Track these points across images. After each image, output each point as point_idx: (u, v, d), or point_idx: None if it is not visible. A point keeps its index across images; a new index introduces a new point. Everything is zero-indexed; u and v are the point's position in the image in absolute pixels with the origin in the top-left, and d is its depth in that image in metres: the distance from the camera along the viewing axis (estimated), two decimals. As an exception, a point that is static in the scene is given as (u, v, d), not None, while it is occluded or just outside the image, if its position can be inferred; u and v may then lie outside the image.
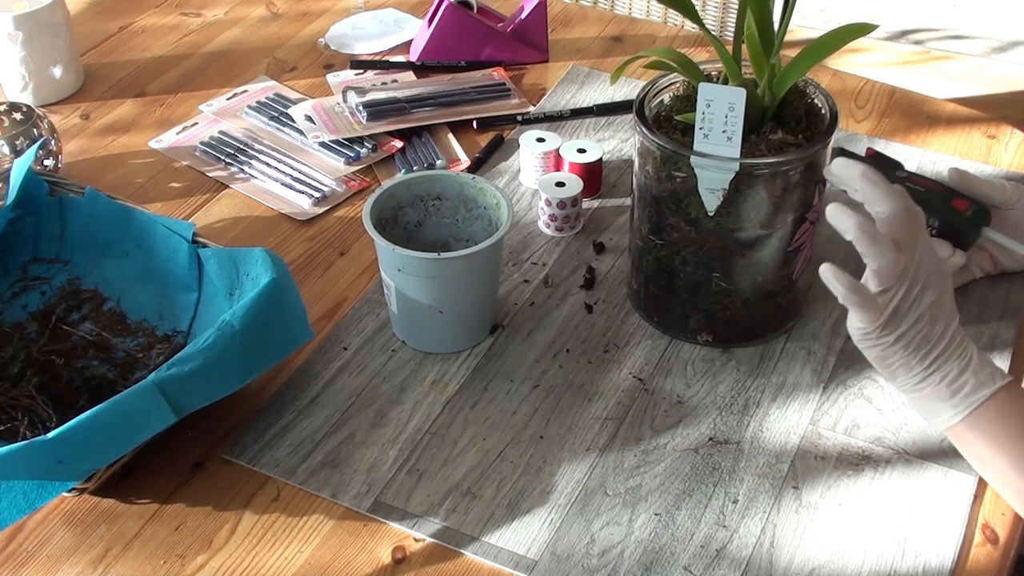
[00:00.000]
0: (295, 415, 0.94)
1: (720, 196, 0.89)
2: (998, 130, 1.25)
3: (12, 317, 1.00)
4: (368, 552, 0.84)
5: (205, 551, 0.84)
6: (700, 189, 0.90)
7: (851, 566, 0.82)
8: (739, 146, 0.87)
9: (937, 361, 0.82)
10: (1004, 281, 1.04)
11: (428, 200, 1.02)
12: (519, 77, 1.35)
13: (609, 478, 0.88)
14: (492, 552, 0.83)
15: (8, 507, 0.79)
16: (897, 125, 1.26)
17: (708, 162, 0.88)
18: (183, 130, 1.26)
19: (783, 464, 0.89)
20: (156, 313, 1.01)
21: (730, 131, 0.87)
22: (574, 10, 1.49)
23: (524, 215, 1.14)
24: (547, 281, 1.06)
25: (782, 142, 0.90)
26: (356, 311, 1.03)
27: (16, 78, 1.28)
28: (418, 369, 0.98)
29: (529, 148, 1.16)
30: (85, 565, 0.83)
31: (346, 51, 1.40)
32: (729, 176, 0.88)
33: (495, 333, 1.01)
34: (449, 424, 0.93)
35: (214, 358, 0.84)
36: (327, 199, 1.16)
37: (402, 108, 1.25)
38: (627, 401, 0.94)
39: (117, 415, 0.80)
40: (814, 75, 0.96)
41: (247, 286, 0.93)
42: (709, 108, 0.86)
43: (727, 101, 0.86)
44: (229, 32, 1.44)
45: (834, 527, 0.85)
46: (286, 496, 0.88)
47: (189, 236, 0.99)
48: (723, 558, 0.83)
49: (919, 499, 0.87)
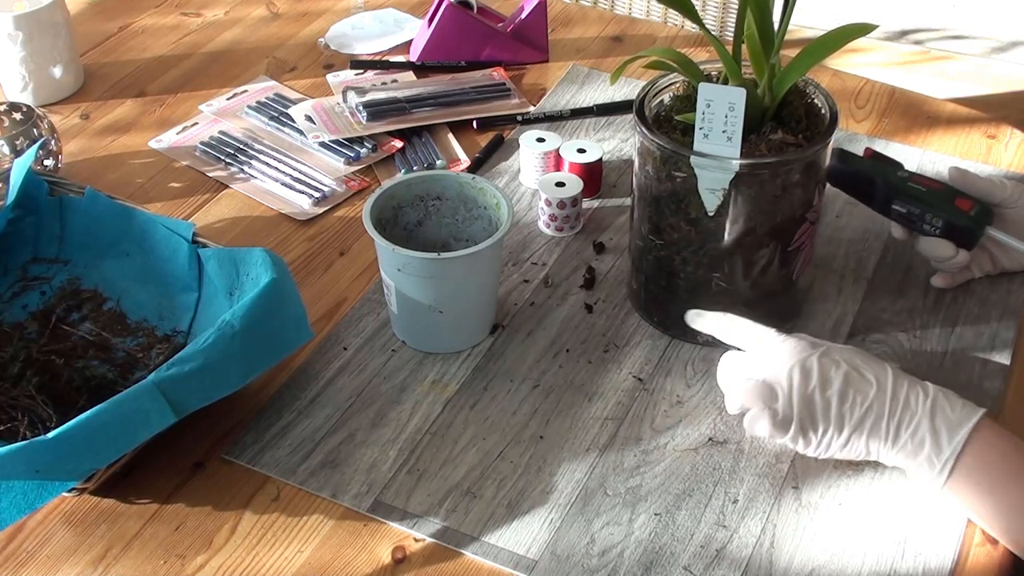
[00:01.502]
0: (295, 415, 0.94)
1: (720, 196, 0.89)
2: (998, 130, 1.25)
3: (12, 317, 1.00)
4: (368, 552, 0.84)
5: (205, 551, 0.84)
6: (700, 189, 0.90)
7: (851, 566, 0.82)
8: (739, 146, 0.87)
9: (892, 429, 0.83)
10: (1004, 281, 1.04)
11: (428, 200, 1.02)
12: (519, 77, 1.35)
13: (609, 478, 0.88)
14: (492, 552, 0.83)
15: (8, 507, 0.79)
16: (897, 125, 1.26)
17: (708, 162, 0.88)
18: (183, 130, 1.26)
19: (783, 464, 0.89)
20: (156, 313, 1.01)
21: (730, 131, 0.87)
22: (574, 10, 1.49)
23: (524, 215, 1.14)
24: (547, 281, 1.06)
25: (782, 142, 0.90)
26: (356, 311, 1.03)
27: (16, 78, 1.28)
28: (418, 369, 0.98)
29: (529, 148, 1.16)
30: (85, 565, 0.83)
31: (346, 51, 1.40)
32: (729, 176, 0.88)
33: (495, 333, 1.01)
34: (449, 424, 0.93)
35: (214, 358, 0.84)
36: (327, 199, 1.16)
37: (402, 108, 1.25)
38: (627, 401, 0.94)
39: (117, 415, 0.80)
40: (814, 75, 0.96)
41: (247, 286, 0.93)
42: (709, 108, 0.86)
43: (727, 101, 0.86)
44: (229, 32, 1.44)
45: (834, 527, 0.85)
46: (286, 496, 0.88)
47: (189, 236, 0.99)
48: (723, 558, 0.83)
49: (919, 499, 0.87)
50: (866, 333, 1.00)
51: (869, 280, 1.05)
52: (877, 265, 1.07)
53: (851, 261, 1.07)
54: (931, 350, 0.99)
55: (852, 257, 1.08)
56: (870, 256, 1.08)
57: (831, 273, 1.05)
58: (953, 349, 0.99)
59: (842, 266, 1.07)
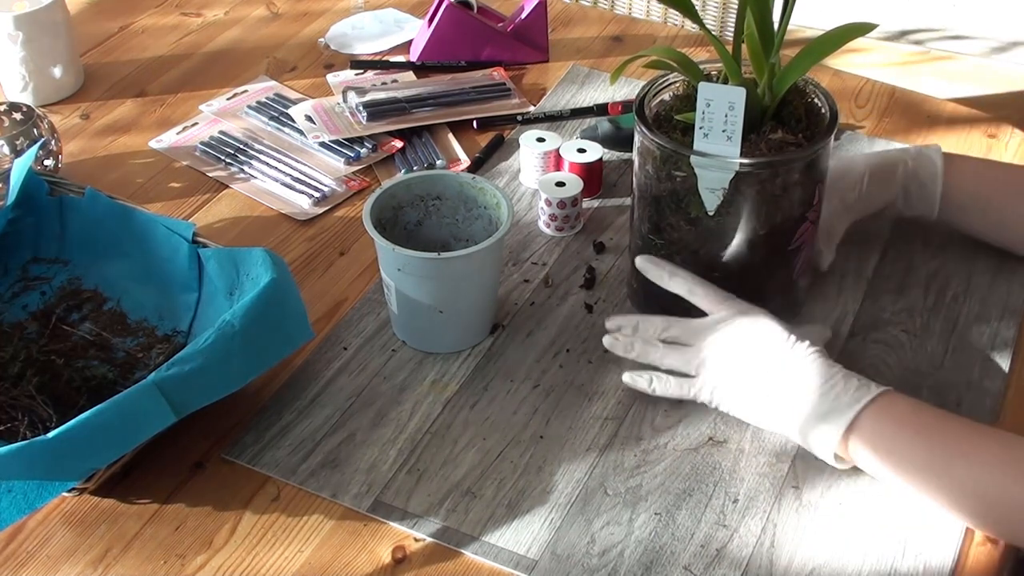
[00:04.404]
0: (295, 415, 0.94)
1: (720, 195, 0.89)
2: (998, 130, 1.25)
3: (12, 317, 1.00)
4: (368, 552, 0.84)
5: (205, 551, 0.84)
6: (700, 188, 0.90)
7: (851, 566, 0.82)
8: (739, 146, 0.87)
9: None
10: (1004, 281, 1.04)
11: (428, 200, 1.02)
12: (519, 77, 1.35)
13: (609, 478, 0.88)
14: (492, 552, 0.83)
15: (8, 507, 0.79)
16: (897, 125, 1.26)
17: (708, 161, 0.88)
18: (183, 130, 1.26)
19: (783, 464, 0.89)
20: (156, 313, 1.01)
21: (730, 131, 0.87)
22: (574, 10, 1.49)
23: (524, 215, 1.14)
24: (547, 281, 1.06)
25: (782, 141, 0.90)
26: (356, 311, 1.03)
27: (16, 78, 1.28)
28: (418, 369, 0.98)
29: (529, 148, 1.16)
30: (85, 565, 0.83)
31: (346, 51, 1.40)
32: (729, 176, 0.88)
33: (495, 333, 1.01)
34: (449, 424, 0.93)
35: (214, 358, 0.84)
36: (327, 199, 1.16)
37: (402, 108, 1.25)
38: (627, 401, 0.94)
39: (117, 415, 0.80)
40: (814, 75, 0.96)
41: (247, 286, 0.93)
42: (709, 108, 0.86)
43: (727, 100, 0.86)
44: (229, 32, 1.44)
45: (834, 527, 0.85)
46: (286, 496, 0.88)
47: (189, 236, 0.99)
48: (723, 558, 0.83)
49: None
50: (867, 332, 1.00)
51: (869, 279, 1.05)
52: (877, 264, 1.07)
53: (851, 260, 1.07)
54: (931, 350, 0.99)
55: (852, 256, 1.08)
56: (870, 255, 1.08)
57: (831, 273, 1.05)
58: (953, 348, 0.99)
59: (842, 265, 1.06)
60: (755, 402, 0.89)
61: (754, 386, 0.88)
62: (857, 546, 0.84)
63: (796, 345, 0.87)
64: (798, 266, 0.96)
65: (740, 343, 0.89)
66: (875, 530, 0.85)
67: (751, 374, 0.88)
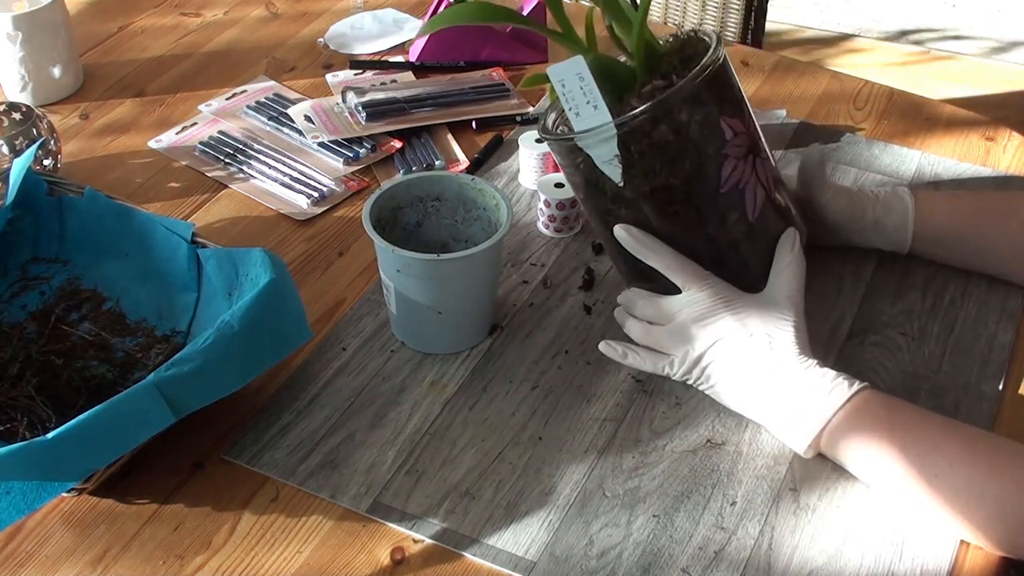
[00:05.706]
0: (294, 415, 0.94)
1: (617, 163, 0.88)
2: (996, 132, 1.26)
3: (12, 317, 1.00)
4: (367, 553, 0.84)
5: (204, 551, 0.84)
6: (599, 165, 0.89)
7: (849, 568, 0.83)
8: (606, 110, 0.87)
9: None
10: (1001, 285, 1.04)
11: (427, 201, 1.02)
12: (518, 77, 1.35)
13: (607, 479, 0.88)
14: (491, 553, 0.83)
15: (7, 507, 0.79)
16: (896, 127, 1.26)
17: (588, 137, 0.88)
18: (182, 130, 1.26)
19: (781, 466, 0.89)
20: (155, 313, 1.01)
21: (593, 100, 0.86)
22: (574, 10, 1.49)
23: (523, 216, 1.14)
24: (546, 282, 1.06)
25: (653, 89, 0.89)
26: (355, 311, 1.04)
27: (15, 78, 1.28)
28: (417, 370, 0.98)
29: (528, 149, 1.16)
30: (84, 565, 0.83)
31: (345, 51, 1.40)
32: (612, 141, 0.87)
33: (494, 334, 1.01)
34: (448, 425, 0.93)
35: (213, 358, 0.85)
36: (326, 199, 1.17)
37: (401, 108, 1.25)
38: (626, 402, 0.95)
39: (116, 415, 0.80)
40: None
41: (246, 286, 0.93)
42: (565, 87, 0.87)
43: (574, 73, 0.86)
44: (228, 32, 1.44)
45: (832, 529, 0.85)
46: (285, 496, 0.88)
47: (188, 236, 1.00)
48: (721, 560, 0.83)
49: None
50: (864, 335, 1.00)
51: (867, 282, 1.06)
52: (876, 267, 1.07)
53: (850, 263, 1.08)
54: (929, 352, 0.99)
55: (851, 259, 1.08)
56: (869, 258, 1.08)
57: (830, 275, 1.05)
58: (951, 351, 0.99)
59: (841, 268, 1.07)
60: (729, 390, 0.91)
61: (728, 377, 0.90)
62: (854, 549, 0.84)
63: (770, 340, 0.89)
64: (750, 207, 0.91)
65: (712, 331, 0.90)
66: (872, 533, 0.85)
67: (723, 364, 0.90)
